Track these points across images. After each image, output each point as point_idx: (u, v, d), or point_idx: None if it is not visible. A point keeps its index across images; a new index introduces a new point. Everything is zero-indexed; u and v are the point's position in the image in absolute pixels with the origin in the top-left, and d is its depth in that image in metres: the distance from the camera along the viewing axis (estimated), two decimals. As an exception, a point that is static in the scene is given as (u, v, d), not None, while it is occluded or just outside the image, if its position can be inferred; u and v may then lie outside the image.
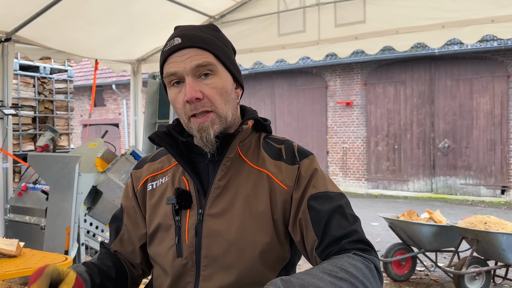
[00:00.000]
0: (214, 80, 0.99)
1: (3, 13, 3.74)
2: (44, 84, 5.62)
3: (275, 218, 1.00)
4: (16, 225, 3.83)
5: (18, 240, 2.14)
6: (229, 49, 1.06)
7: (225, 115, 1.01)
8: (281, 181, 1.01)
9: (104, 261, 1.12)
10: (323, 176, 1.03)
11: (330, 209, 0.97)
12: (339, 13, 4.33)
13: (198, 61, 0.96)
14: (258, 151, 1.06)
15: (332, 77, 11.80)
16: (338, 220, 0.96)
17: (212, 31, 1.05)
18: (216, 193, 1.01)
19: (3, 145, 4.14)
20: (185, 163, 1.04)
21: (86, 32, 4.40)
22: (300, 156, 1.05)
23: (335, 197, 1.00)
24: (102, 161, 3.65)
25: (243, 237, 0.98)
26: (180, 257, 1.01)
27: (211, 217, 1.00)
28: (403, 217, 4.13)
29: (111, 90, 14.92)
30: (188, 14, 4.58)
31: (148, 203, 1.11)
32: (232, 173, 1.03)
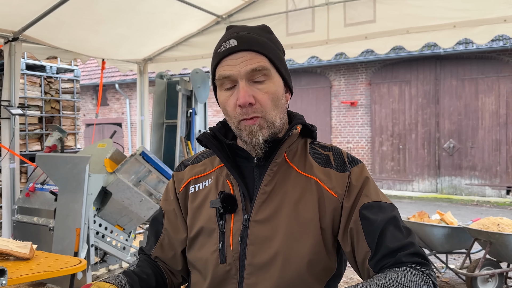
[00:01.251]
0: (267, 85, 0.96)
1: (11, 12, 3.71)
2: (51, 83, 5.58)
3: (323, 227, 0.96)
4: (24, 226, 3.80)
5: (31, 243, 2.11)
6: (281, 52, 1.03)
7: (273, 120, 0.98)
8: (330, 189, 0.97)
9: (143, 268, 1.08)
10: (374, 185, 1.00)
11: (384, 219, 0.93)
12: (348, 12, 4.29)
13: (253, 65, 0.94)
14: (305, 157, 1.03)
15: (336, 76, 11.75)
16: (393, 231, 0.92)
17: (266, 33, 1.02)
18: (262, 198, 0.98)
19: (10, 145, 4.11)
20: (231, 166, 1.01)
21: (93, 32, 4.37)
22: (350, 163, 1.01)
23: (387, 207, 0.96)
24: (111, 161, 3.62)
25: (289, 246, 0.94)
26: (224, 263, 0.97)
27: (257, 223, 0.97)
28: (414, 218, 4.09)
29: (114, 89, 14.89)
30: (196, 13, 4.55)
31: (190, 206, 1.08)
32: (279, 179, 1.00)
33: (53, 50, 4.53)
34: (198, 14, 4.61)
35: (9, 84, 4.17)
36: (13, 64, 4.14)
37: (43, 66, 5.43)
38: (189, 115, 4.97)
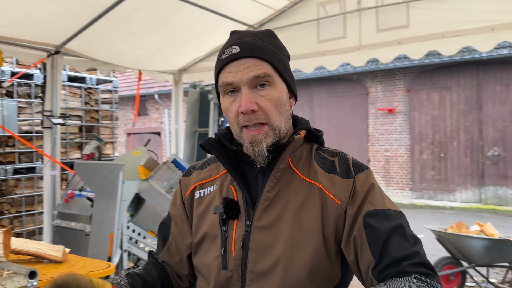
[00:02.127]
0: (270, 92, 0.96)
1: (53, 27, 3.92)
2: (91, 94, 5.84)
3: (326, 235, 0.94)
4: (63, 230, 3.97)
5: (64, 247, 2.20)
6: (285, 57, 1.02)
7: (279, 127, 0.97)
8: (334, 195, 0.95)
9: (149, 271, 1.10)
10: (380, 192, 0.97)
11: (388, 228, 0.90)
12: (381, 18, 4.22)
13: (256, 72, 0.94)
14: (309, 163, 1.01)
15: (373, 83, 11.54)
16: (398, 240, 0.89)
17: (269, 38, 1.01)
18: (265, 204, 0.97)
19: (51, 153, 4.33)
20: (234, 172, 1.01)
21: (130, 44, 4.53)
22: (355, 169, 0.99)
23: (393, 215, 0.93)
24: (145, 169, 3.72)
25: (290, 253, 0.93)
26: (226, 269, 0.97)
27: (259, 230, 0.96)
28: (452, 229, 3.92)
29: (154, 99, 15.34)
30: (227, 24, 4.62)
31: (195, 211, 1.09)
32: (282, 185, 0.99)
33: (92, 62, 4.74)
34: (230, 24, 4.69)
35: (51, 95, 4.40)
36: (55, 76, 4.36)
37: (83, 78, 5.69)
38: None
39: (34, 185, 5.10)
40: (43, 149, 4.42)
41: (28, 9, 3.49)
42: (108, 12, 3.80)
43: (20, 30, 3.83)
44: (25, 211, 5.00)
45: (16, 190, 4.95)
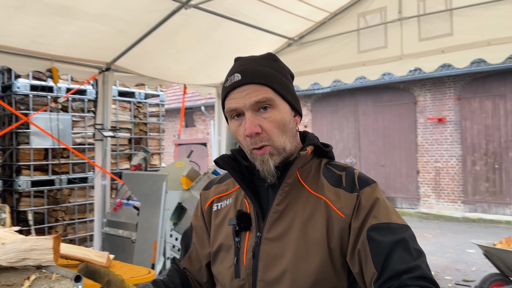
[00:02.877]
0: (272, 114, 1.01)
1: (104, 46, 4.19)
2: (139, 108, 6.14)
3: (331, 247, 0.98)
4: (111, 238, 4.19)
5: (108, 253, 2.34)
6: (287, 79, 1.08)
7: (283, 146, 1.02)
8: (338, 209, 0.99)
9: (172, 278, 1.18)
10: (385, 206, 0.99)
11: (391, 241, 0.92)
12: (423, 26, 4.14)
13: (257, 97, 0.99)
14: (318, 177, 1.06)
15: (421, 92, 11.20)
16: (400, 253, 0.91)
17: (270, 61, 1.07)
18: (274, 217, 1.03)
19: (102, 164, 4.60)
20: (246, 186, 1.07)
21: (175, 60, 4.75)
22: (360, 184, 1.02)
23: (398, 229, 0.95)
24: (187, 179, 3.86)
25: (297, 264, 0.97)
26: (238, 278, 1.03)
27: (268, 241, 1.01)
28: (501, 244, 3.73)
29: (200, 111, 15.77)
30: (268, 37, 4.72)
31: (213, 223, 1.16)
32: (291, 198, 1.04)
33: (140, 78, 5.00)
34: (270, 38, 4.79)
35: (102, 110, 4.69)
36: (106, 91, 4.66)
37: (132, 93, 6.00)
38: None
39: (86, 194, 5.42)
40: (95, 160, 4.71)
41: (81, 30, 3.77)
42: (154, 30, 4.02)
43: (74, 50, 4.13)
44: (78, 218, 5.32)
45: (69, 198, 5.28)
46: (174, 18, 3.87)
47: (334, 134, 12.83)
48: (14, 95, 4.92)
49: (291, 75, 1.11)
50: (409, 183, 11.32)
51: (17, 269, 1.94)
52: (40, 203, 4.98)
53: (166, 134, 16.38)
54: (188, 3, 3.68)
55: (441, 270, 5.59)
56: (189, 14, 3.84)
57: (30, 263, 1.95)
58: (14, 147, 4.90)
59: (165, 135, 6.61)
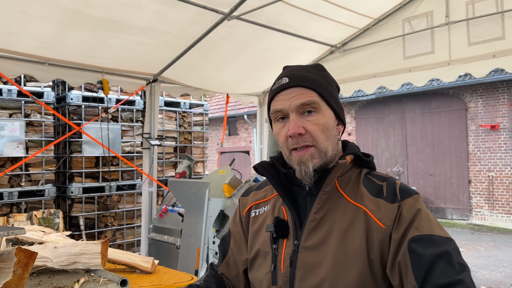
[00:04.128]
0: (316, 117, 1.03)
1: (151, 58, 4.36)
2: (184, 117, 6.31)
3: (371, 258, 0.96)
4: (157, 243, 4.31)
5: (153, 258, 2.42)
6: (333, 88, 1.09)
7: (325, 150, 1.03)
8: (379, 219, 0.97)
9: (208, 283, 1.20)
10: (427, 218, 0.96)
11: (434, 254, 0.90)
12: (472, 30, 3.98)
13: (303, 99, 1.02)
14: (357, 187, 1.05)
15: (472, 98, 10.70)
16: (443, 267, 0.88)
17: (318, 70, 1.10)
18: (311, 225, 1.03)
19: (149, 172, 4.75)
20: (284, 194, 1.08)
21: (217, 70, 4.85)
22: (402, 194, 0.99)
23: (441, 241, 0.92)
24: (229, 187, 3.91)
25: (335, 274, 0.96)
26: (275, 285, 1.04)
27: (306, 250, 1.01)
28: None
29: (243, 120, 15.94)
30: (310, 45, 4.72)
31: (251, 229, 1.18)
32: (329, 207, 1.03)
33: (185, 88, 5.14)
34: (312, 46, 4.77)
35: (150, 119, 4.87)
36: (153, 102, 4.83)
37: (178, 103, 6.18)
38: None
39: (134, 201, 5.62)
40: (142, 167, 4.88)
41: (130, 44, 3.94)
42: (198, 42, 4.13)
43: (123, 62, 4.33)
44: (126, 224, 5.52)
45: (118, 205, 5.50)
46: (217, 30, 3.96)
47: (379, 142, 12.51)
48: (67, 106, 5.22)
49: (337, 87, 1.13)
50: (460, 193, 10.81)
51: (68, 272, 2.05)
52: (91, 209, 5.22)
53: (210, 143, 16.68)
54: (230, 14, 3.75)
55: (494, 285, 5.28)
56: (232, 25, 3.91)
57: (80, 267, 2.05)
58: (67, 155, 5.18)
59: (208, 143, 6.74)
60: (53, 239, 2.32)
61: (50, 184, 4.88)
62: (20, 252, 1.53)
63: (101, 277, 1.96)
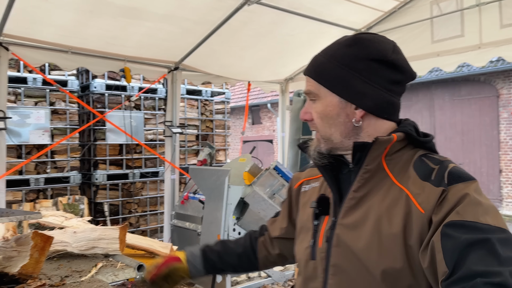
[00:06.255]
0: (316, 105, 1.05)
1: (172, 45, 4.35)
2: (206, 105, 6.31)
3: (410, 244, 0.90)
4: (179, 230, 4.34)
5: (171, 244, 2.43)
6: (351, 69, 1.00)
7: (328, 136, 1.03)
8: (419, 203, 0.91)
9: (239, 239, 1.37)
10: (476, 204, 0.86)
11: (471, 240, 0.81)
12: (505, 12, 3.77)
13: (306, 89, 1.07)
14: (407, 168, 0.98)
15: (505, 84, 10.28)
16: (482, 255, 0.79)
17: (341, 48, 1.02)
18: (350, 204, 1.00)
19: (171, 159, 4.78)
20: (325, 171, 1.07)
21: (239, 57, 4.80)
22: (450, 179, 0.90)
23: (486, 229, 0.82)
24: (249, 174, 3.88)
25: (368, 256, 0.93)
26: (313, 260, 1.05)
27: (342, 227, 1.00)
28: None
29: (267, 108, 15.86)
30: (333, 30, 4.59)
31: (300, 203, 1.22)
32: (373, 187, 0.99)
33: (207, 76, 5.12)
34: (336, 31, 4.64)
35: (171, 107, 4.88)
36: (175, 90, 4.83)
37: (200, 91, 6.18)
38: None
39: (157, 188, 5.68)
40: (165, 155, 4.91)
41: (151, 31, 3.94)
42: (218, 28, 4.09)
43: (144, 50, 4.33)
44: (149, 211, 5.59)
45: (142, 191, 5.57)
46: (238, 15, 3.90)
47: (406, 131, 12.22)
48: (91, 94, 5.29)
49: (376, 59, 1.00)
50: (491, 182, 10.46)
51: (87, 257, 2.07)
52: (115, 195, 5.31)
53: (233, 131, 16.71)
54: (251, -1, 3.69)
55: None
56: (252, 11, 3.84)
57: (99, 252, 2.07)
58: (91, 143, 5.27)
59: (231, 131, 6.73)
60: (73, 224, 2.36)
61: (75, 171, 4.98)
62: (36, 236, 1.55)
63: (118, 262, 1.97)
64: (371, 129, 1.03)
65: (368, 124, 1.02)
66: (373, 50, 1.00)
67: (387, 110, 1.03)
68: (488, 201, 0.88)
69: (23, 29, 3.54)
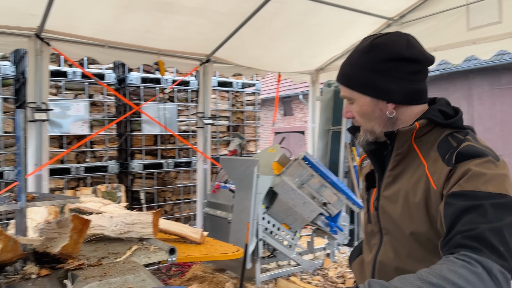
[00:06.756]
0: (354, 106, 1.23)
1: (203, 38, 4.44)
2: (237, 97, 6.39)
3: (432, 213, 1.08)
4: (211, 218, 4.47)
5: (202, 230, 2.52)
6: (374, 72, 1.15)
7: (370, 129, 1.23)
8: (434, 181, 1.07)
9: None
10: (478, 176, 0.97)
11: (466, 206, 0.93)
12: (546, -5, 3.62)
13: (342, 94, 1.26)
14: (432, 148, 1.12)
15: (549, 72, 9.77)
16: (472, 218, 0.91)
17: (362, 55, 1.18)
18: (388, 180, 1.22)
19: (203, 150, 4.91)
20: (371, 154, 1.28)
21: (269, 49, 4.83)
22: (458, 158, 1.03)
23: (481, 196, 0.94)
24: (278, 165, 3.94)
25: (402, 222, 1.15)
26: (370, 223, 1.31)
27: (384, 199, 1.22)
28: None
29: (298, 100, 15.80)
30: (364, 19, 4.53)
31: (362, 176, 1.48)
32: (405, 166, 1.18)
33: (237, 68, 5.19)
34: (367, 20, 4.58)
35: (203, 99, 4.99)
36: (206, 82, 4.94)
37: (230, 82, 6.26)
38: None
39: (190, 177, 5.84)
40: (197, 146, 5.04)
41: (183, 24, 4.04)
42: (248, 20, 4.14)
43: (177, 43, 4.45)
44: (183, 199, 5.76)
45: (176, 180, 5.74)
46: (267, 7, 3.93)
47: (442, 121, 11.87)
48: (127, 87, 5.48)
49: (393, 59, 1.13)
50: (533, 175, 10.01)
51: (123, 240, 2.20)
52: (150, 184, 5.51)
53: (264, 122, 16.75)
54: (280, -10, 3.70)
55: None
56: (281, 2, 3.87)
57: (133, 235, 2.19)
58: (128, 134, 5.47)
59: (262, 122, 6.79)
60: (110, 210, 2.50)
61: (113, 161, 5.20)
62: (75, 219, 1.67)
63: (151, 245, 2.09)
64: (404, 116, 1.19)
65: (401, 113, 1.18)
66: (388, 51, 1.14)
67: (414, 97, 1.17)
68: (496, 171, 0.98)
69: (63, 25, 3.72)
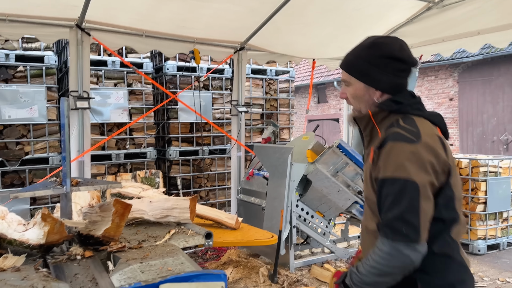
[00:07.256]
0: (349, 89, 1.51)
1: (238, 26, 4.45)
2: (270, 84, 6.38)
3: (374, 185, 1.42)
4: (245, 204, 4.54)
5: (236, 216, 2.58)
6: (372, 64, 1.42)
7: (358, 108, 1.52)
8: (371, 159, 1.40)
9: None
10: (388, 158, 1.31)
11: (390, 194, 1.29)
12: None
13: (342, 77, 1.53)
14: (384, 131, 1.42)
15: None
16: (388, 205, 1.29)
17: (364, 49, 1.45)
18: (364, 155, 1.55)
19: (237, 137, 4.96)
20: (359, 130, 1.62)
21: (303, 35, 4.78)
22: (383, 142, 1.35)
23: (395, 182, 1.28)
24: (312, 152, 3.94)
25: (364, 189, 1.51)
26: None
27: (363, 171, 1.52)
28: None
29: (333, 87, 15.57)
30: (403, 2, 4.40)
31: None
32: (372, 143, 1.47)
33: (271, 55, 5.18)
34: (406, 3, 4.44)
35: (237, 87, 5.03)
36: (240, 70, 4.96)
37: (264, 70, 6.25)
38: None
39: (224, 164, 5.92)
40: (231, 133, 5.10)
41: (218, 12, 4.06)
42: (283, 6, 4.10)
43: (212, 31, 4.49)
44: (218, 185, 5.86)
45: (211, 167, 5.84)
46: (302, -8, 3.88)
47: (486, 108, 11.40)
48: (164, 76, 5.59)
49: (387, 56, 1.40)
50: None
51: (162, 224, 2.28)
52: (187, 170, 5.63)
53: (298, 110, 16.65)
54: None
55: None
56: (317, -13, 3.81)
57: (172, 220, 2.27)
58: (165, 121, 5.60)
59: (296, 110, 6.76)
60: (149, 195, 2.59)
61: (151, 147, 5.35)
62: (117, 204, 1.75)
63: (189, 230, 2.16)
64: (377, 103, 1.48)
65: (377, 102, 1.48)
66: (385, 50, 1.42)
67: (397, 89, 1.44)
68: (397, 154, 1.29)
69: (102, 15, 3.83)
